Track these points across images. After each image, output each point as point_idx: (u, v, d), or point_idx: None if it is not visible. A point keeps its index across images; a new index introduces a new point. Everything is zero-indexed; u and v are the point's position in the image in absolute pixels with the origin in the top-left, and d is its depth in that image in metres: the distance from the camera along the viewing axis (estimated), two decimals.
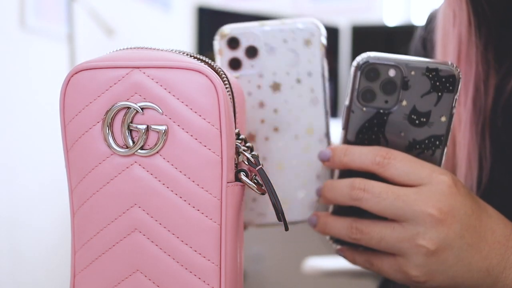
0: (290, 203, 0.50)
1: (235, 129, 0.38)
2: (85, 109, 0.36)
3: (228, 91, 0.38)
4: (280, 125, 0.49)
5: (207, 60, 0.39)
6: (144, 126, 0.35)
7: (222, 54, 0.48)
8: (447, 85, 0.43)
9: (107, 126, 0.36)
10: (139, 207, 0.36)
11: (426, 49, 0.62)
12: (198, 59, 0.38)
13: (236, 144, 0.38)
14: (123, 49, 0.38)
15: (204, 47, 2.15)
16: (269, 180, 0.38)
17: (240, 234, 0.40)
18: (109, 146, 0.36)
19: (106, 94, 0.36)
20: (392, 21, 2.53)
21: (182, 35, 2.57)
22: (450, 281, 0.43)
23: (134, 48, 0.38)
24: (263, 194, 0.39)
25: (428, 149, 0.44)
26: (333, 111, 2.32)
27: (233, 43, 0.47)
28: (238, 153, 0.38)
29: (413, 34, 0.68)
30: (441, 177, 0.42)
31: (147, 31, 2.35)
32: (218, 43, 0.48)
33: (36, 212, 1.76)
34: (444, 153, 0.44)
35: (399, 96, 0.43)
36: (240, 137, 0.39)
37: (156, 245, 0.36)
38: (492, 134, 0.53)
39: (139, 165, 0.35)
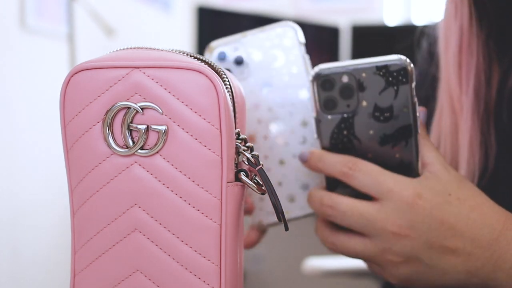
0: (297, 197, 0.52)
1: (235, 129, 0.38)
2: (85, 109, 0.36)
3: (228, 91, 0.38)
4: (276, 122, 0.51)
5: (207, 60, 0.39)
6: (144, 126, 0.35)
7: None
8: (400, 78, 0.44)
9: (107, 126, 0.36)
10: (139, 207, 0.36)
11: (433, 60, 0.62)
12: (198, 59, 0.38)
13: (236, 144, 0.38)
14: (123, 49, 0.38)
15: (204, 47, 2.14)
16: (269, 180, 0.38)
17: (240, 234, 0.40)
18: (109, 146, 0.36)
19: (106, 94, 0.36)
20: (392, 21, 2.53)
21: (182, 35, 2.57)
22: (429, 284, 0.45)
23: (134, 48, 0.38)
24: (263, 194, 0.39)
25: (401, 140, 0.45)
26: None
27: (221, 55, 0.52)
28: (238, 153, 0.38)
29: (413, 34, 0.68)
30: (403, 192, 0.43)
31: (147, 31, 2.35)
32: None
33: (36, 212, 1.76)
34: (417, 139, 0.45)
35: (358, 98, 0.45)
36: (240, 137, 0.39)
37: (156, 245, 0.36)
38: (497, 126, 0.54)
39: (139, 165, 0.35)
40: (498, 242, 0.42)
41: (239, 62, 0.51)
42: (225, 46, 0.52)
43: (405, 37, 0.70)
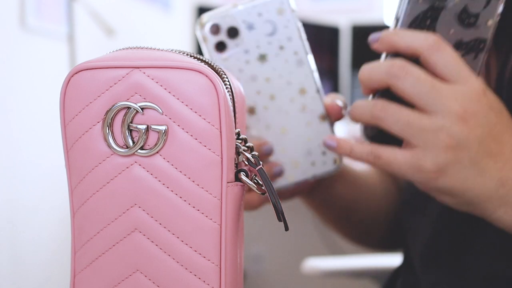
0: (301, 162, 0.54)
1: (235, 129, 0.38)
2: (85, 109, 0.36)
3: (228, 91, 0.38)
4: (275, 92, 0.52)
5: (207, 60, 0.39)
6: (144, 126, 0.35)
7: (206, 41, 0.51)
8: None
9: (107, 126, 0.36)
10: (139, 207, 0.36)
11: None
12: (198, 59, 0.38)
13: (236, 144, 0.38)
14: (123, 49, 0.38)
15: None
16: (269, 180, 0.38)
17: (240, 234, 0.40)
18: (109, 146, 0.36)
19: (106, 94, 0.36)
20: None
21: (182, 35, 2.57)
22: (461, 182, 0.44)
23: (134, 48, 0.38)
24: (263, 194, 0.39)
25: (472, 51, 0.47)
26: None
27: (214, 28, 0.51)
28: (238, 153, 0.38)
29: None
30: (476, 83, 0.44)
31: (147, 31, 2.35)
32: (200, 32, 0.51)
33: (36, 212, 1.76)
34: (485, 58, 0.47)
35: None
36: (240, 137, 0.39)
37: (156, 245, 0.36)
38: None
39: (139, 165, 0.35)
40: None
41: (233, 34, 0.51)
42: (217, 19, 0.51)
43: None
